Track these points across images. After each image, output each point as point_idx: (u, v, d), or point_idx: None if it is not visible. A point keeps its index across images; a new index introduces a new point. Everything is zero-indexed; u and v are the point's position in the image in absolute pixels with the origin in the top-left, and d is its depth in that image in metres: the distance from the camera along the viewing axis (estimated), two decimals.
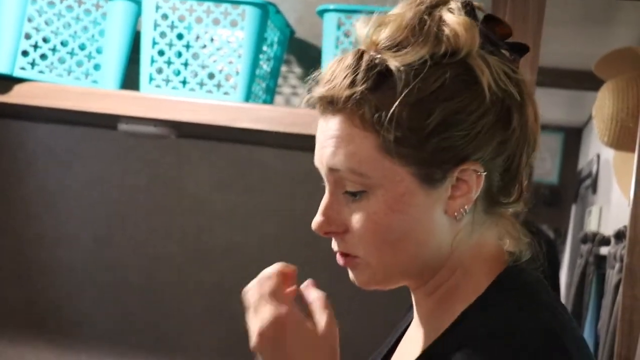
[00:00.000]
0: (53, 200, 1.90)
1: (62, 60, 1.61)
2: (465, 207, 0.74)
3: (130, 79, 1.63)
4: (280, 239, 1.82)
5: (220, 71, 1.59)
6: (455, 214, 0.74)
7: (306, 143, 1.71)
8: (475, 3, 0.75)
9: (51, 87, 1.58)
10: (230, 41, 1.60)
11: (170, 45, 1.59)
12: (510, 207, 0.79)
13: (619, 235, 1.67)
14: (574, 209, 2.61)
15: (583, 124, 2.50)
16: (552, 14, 1.52)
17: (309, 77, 0.77)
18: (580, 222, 2.45)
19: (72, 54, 1.61)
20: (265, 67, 1.68)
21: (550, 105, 2.35)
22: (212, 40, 1.61)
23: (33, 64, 1.59)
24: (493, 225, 0.79)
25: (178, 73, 1.60)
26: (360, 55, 0.73)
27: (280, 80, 1.82)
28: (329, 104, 0.74)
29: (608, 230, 1.98)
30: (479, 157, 0.72)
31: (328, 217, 0.77)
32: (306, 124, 1.55)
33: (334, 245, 0.79)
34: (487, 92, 0.71)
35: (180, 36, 1.60)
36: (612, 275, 1.65)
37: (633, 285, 1.40)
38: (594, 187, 2.28)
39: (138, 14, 1.64)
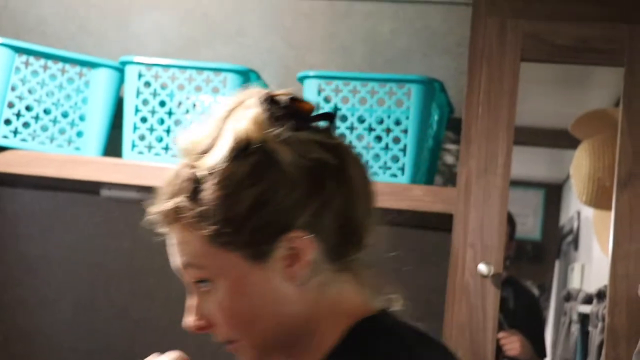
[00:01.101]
0: (35, 265, 1.88)
1: (44, 128, 1.62)
2: (304, 271, 0.81)
3: (113, 144, 1.64)
4: None
5: None
6: (297, 280, 0.81)
7: None
8: (275, 92, 0.85)
9: (33, 155, 1.59)
10: (212, 107, 1.62)
11: (153, 112, 1.61)
12: (356, 257, 0.86)
13: (600, 295, 1.67)
14: (557, 264, 2.61)
15: (563, 180, 2.53)
16: (528, 75, 1.56)
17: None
18: (564, 278, 2.46)
19: (54, 121, 1.63)
20: None
21: (531, 163, 2.38)
22: (194, 106, 1.63)
23: (15, 132, 1.60)
24: (349, 280, 0.85)
25: (160, 139, 1.61)
26: (176, 170, 0.83)
27: None
28: (163, 219, 0.83)
29: (591, 287, 1.99)
30: (301, 224, 0.80)
31: (195, 315, 0.84)
32: None
33: (215, 338, 0.86)
34: (289, 169, 0.80)
35: (162, 103, 1.62)
36: (596, 335, 1.65)
37: (615, 346, 1.40)
38: (575, 243, 2.30)
39: (121, 82, 1.66)
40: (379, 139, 1.59)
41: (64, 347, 1.85)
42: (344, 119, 1.60)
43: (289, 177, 0.80)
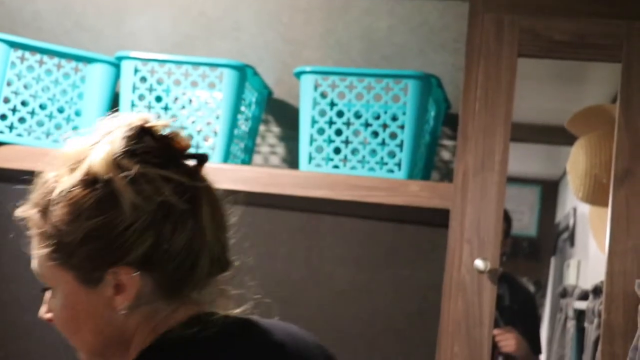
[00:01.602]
0: (29, 262, 1.88)
1: (40, 124, 1.62)
2: (126, 303, 0.86)
3: None
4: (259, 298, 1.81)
5: (199, 132, 1.61)
6: (118, 309, 0.86)
7: (284, 202, 1.73)
8: (153, 124, 0.88)
9: (29, 150, 1.58)
10: (209, 102, 1.62)
11: (149, 107, 1.60)
12: (196, 291, 0.89)
13: (597, 291, 1.68)
14: (553, 261, 2.62)
15: (559, 177, 2.54)
16: (525, 71, 1.55)
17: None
18: (560, 275, 2.46)
19: (50, 117, 1.62)
20: (244, 127, 1.70)
21: (527, 159, 2.38)
22: (190, 101, 1.63)
23: (11, 128, 1.59)
24: (180, 308, 0.89)
25: None
26: (45, 180, 0.89)
27: (258, 140, 1.84)
28: (26, 221, 0.91)
29: (587, 284, 1.99)
30: (130, 261, 0.85)
31: (46, 307, 0.93)
32: (285, 184, 1.56)
33: None
34: (128, 210, 0.84)
35: (159, 98, 1.61)
36: (591, 331, 1.65)
37: (611, 342, 1.40)
38: (571, 240, 2.30)
39: (117, 77, 1.65)
40: (375, 134, 1.59)
41: (62, 344, 1.84)
42: (340, 114, 1.60)
43: (127, 216, 0.84)
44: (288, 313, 1.80)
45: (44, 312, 0.93)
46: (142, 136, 0.86)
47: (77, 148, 0.88)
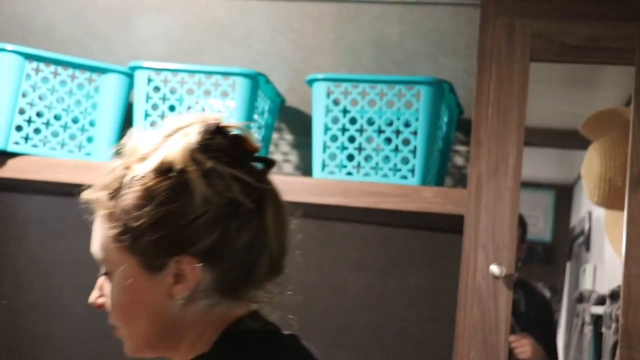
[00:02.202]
0: (46, 270, 1.89)
1: (55, 134, 1.63)
2: (186, 292, 0.88)
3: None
4: (274, 305, 1.81)
5: None
6: (178, 298, 0.88)
7: (298, 210, 1.72)
8: (227, 124, 0.91)
9: (44, 160, 1.59)
10: (222, 111, 1.62)
11: (163, 116, 1.61)
12: (253, 290, 0.91)
13: (614, 295, 1.66)
14: (568, 266, 2.60)
15: (574, 181, 2.52)
16: (538, 76, 1.55)
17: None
18: (576, 280, 2.44)
19: (65, 127, 1.63)
20: (257, 135, 1.70)
21: (541, 164, 2.37)
22: (203, 110, 1.63)
23: (27, 139, 1.61)
24: (236, 305, 0.91)
25: None
26: (115, 166, 0.91)
27: (271, 148, 1.84)
28: (89, 205, 0.93)
29: (603, 288, 1.98)
30: (194, 251, 0.87)
31: (98, 292, 0.94)
32: (298, 191, 1.56)
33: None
34: (199, 202, 0.86)
35: (172, 108, 1.62)
36: (609, 336, 1.64)
37: (630, 346, 1.39)
38: (587, 245, 2.29)
39: (130, 87, 1.66)
40: (388, 140, 1.58)
41: (75, 351, 1.85)
42: (353, 121, 1.60)
43: (197, 208, 0.86)
44: (302, 320, 1.80)
45: (95, 298, 0.94)
46: (216, 134, 0.89)
47: (146, 140, 0.90)
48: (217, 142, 0.89)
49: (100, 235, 0.91)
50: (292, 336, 0.95)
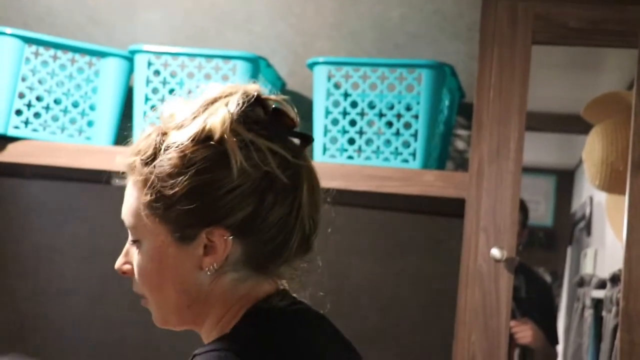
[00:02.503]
0: (47, 256, 1.89)
1: (55, 118, 1.62)
2: (215, 264, 0.86)
3: (123, 134, 1.65)
4: None
5: None
6: (207, 269, 0.87)
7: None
8: (268, 96, 0.89)
9: (45, 144, 1.59)
10: None
11: (163, 100, 1.60)
12: (282, 266, 0.90)
13: (614, 279, 1.66)
14: (569, 251, 2.60)
15: (575, 166, 2.52)
16: (540, 59, 1.54)
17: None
18: (577, 265, 2.44)
19: (65, 111, 1.63)
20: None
21: (542, 149, 2.36)
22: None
23: (27, 123, 1.60)
24: (264, 281, 0.90)
25: None
26: (151, 131, 0.90)
27: None
28: (123, 169, 0.91)
29: (604, 272, 1.98)
30: (227, 224, 0.85)
31: (124, 259, 0.93)
32: None
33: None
34: (236, 173, 0.85)
35: (172, 91, 1.61)
36: (610, 320, 1.64)
37: (630, 329, 1.39)
38: (588, 229, 2.29)
39: (130, 71, 1.66)
40: (389, 124, 1.58)
41: (78, 337, 1.86)
42: (354, 105, 1.59)
43: (233, 179, 0.85)
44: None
45: (121, 264, 0.93)
46: (256, 106, 0.88)
47: (185, 108, 0.88)
48: (256, 114, 0.87)
49: (131, 202, 0.89)
50: (320, 316, 0.94)
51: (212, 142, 0.85)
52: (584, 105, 1.85)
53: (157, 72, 1.61)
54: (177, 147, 0.85)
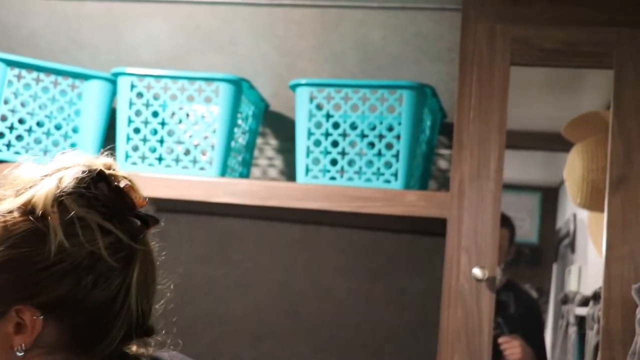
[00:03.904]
0: None
1: (38, 141, 1.63)
2: (23, 345, 0.82)
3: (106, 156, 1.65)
4: (261, 311, 1.82)
5: (196, 146, 1.62)
6: (16, 349, 0.82)
7: (282, 215, 1.73)
8: (114, 173, 0.87)
9: None
10: (205, 116, 1.63)
11: (146, 122, 1.61)
12: (107, 350, 0.85)
13: (596, 297, 1.67)
14: (555, 268, 2.61)
15: (559, 183, 2.53)
16: (521, 80, 1.56)
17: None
18: (562, 281, 2.46)
19: (48, 134, 1.63)
20: (241, 140, 1.71)
21: (526, 166, 2.38)
22: (187, 116, 1.64)
23: (9, 146, 1.60)
24: None
25: (154, 150, 1.62)
26: None
27: (256, 152, 1.85)
28: None
29: (587, 290, 1.99)
30: (38, 302, 0.82)
31: None
32: (282, 196, 1.57)
33: None
34: (52, 252, 0.81)
35: (155, 114, 1.62)
36: (592, 337, 1.65)
37: (610, 347, 1.40)
38: (572, 246, 2.30)
39: (113, 93, 1.66)
40: (371, 145, 1.59)
41: None
42: (336, 126, 1.61)
43: (49, 256, 0.82)
44: (288, 324, 1.81)
45: None
46: (98, 181, 0.85)
47: (29, 175, 0.86)
48: (100, 189, 0.85)
49: None
50: None
51: (34, 216, 0.82)
52: (564, 124, 1.87)
53: (140, 95, 1.62)
54: (1, 216, 0.84)
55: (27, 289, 0.82)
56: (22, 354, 0.83)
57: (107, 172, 0.86)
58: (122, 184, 0.86)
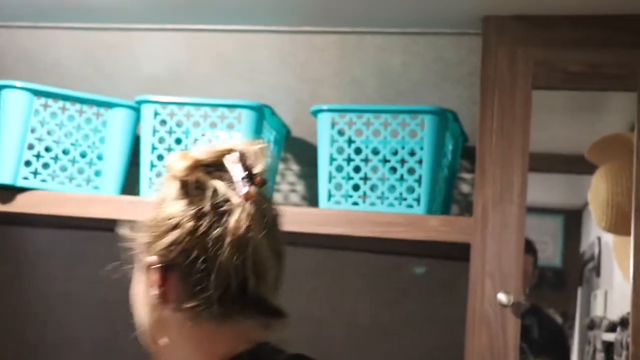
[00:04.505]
0: (55, 303, 1.90)
1: (63, 169, 1.65)
2: (152, 292, 0.93)
3: (131, 182, 1.66)
4: (282, 338, 1.81)
5: None
6: (151, 297, 0.94)
7: (305, 240, 1.73)
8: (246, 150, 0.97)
9: (53, 195, 1.61)
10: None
11: (169, 149, 1.62)
12: (200, 308, 0.91)
13: (624, 322, 1.65)
14: (579, 292, 2.58)
15: (582, 206, 2.51)
16: (543, 102, 1.56)
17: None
18: (587, 306, 2.42)
19: (73, 161, 1.65)
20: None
21: (548, 190, 2.36)
22: (210, 142, 1.65)
23: (35, 173, 1.62)
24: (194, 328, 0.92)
25: None
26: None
27: (278, 178, 1.85)
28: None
29: (614, 315, 1.96)
30: (156, 251, 0.93)
31: None
32: (304, 221, 1.57)
33: None
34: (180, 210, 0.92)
35: (178, 140, 1.64)
36: None
37: None
38: (597, 270, 2.27)
39: (137, 121, 1.68)
40: (393, 170, 1.59)
41: None
42: (358, 151, 1.61)
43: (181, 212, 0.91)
44: (311, 350, 1.79)
45: None
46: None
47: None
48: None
49: None
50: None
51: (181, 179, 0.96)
52: (587, 147, 1.86)
53: (163, 122, 1.63)
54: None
55: (157, 246, 0.94)
56: (155, 302, 0.95)
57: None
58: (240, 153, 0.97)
